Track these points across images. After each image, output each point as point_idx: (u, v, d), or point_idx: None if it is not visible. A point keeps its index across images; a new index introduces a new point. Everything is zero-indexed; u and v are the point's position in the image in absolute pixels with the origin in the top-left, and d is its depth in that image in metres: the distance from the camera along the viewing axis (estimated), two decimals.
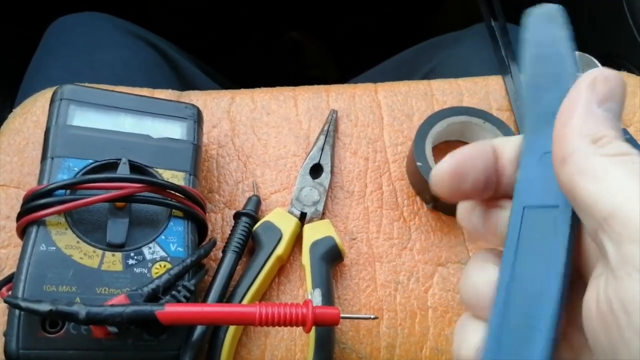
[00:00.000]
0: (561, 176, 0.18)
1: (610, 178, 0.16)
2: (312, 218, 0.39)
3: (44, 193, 0.31)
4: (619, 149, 0.17)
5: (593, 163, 0.17)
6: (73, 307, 0.27)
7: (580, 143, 0.17)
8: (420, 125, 0.40)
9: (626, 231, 0.15)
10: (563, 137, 0.18)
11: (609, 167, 0.17)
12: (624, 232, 0.15)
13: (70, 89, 0.35)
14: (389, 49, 0.66)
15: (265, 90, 0.45)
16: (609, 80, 0.18)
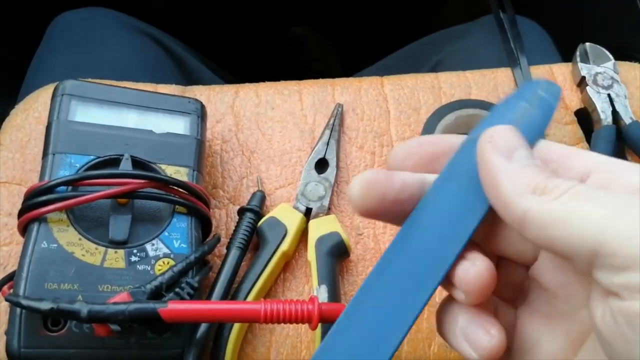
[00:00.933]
0: (528, 237, 0.17)
1: (577, 216, 0.16)
2: (318, 213, 0.38)
3: (45, 190, 0.30)
4: (563, 186, 0.17)
5: (552, 211, 0.16)
6: (75, 305, 0.26)
7: (525, 201, 0.17)
8: (427, 118, 0.40)
9: (618, 260, 0.15)
10: (505, 204, 0.18)
11: (568, 207, 0.16)
12: (616, 262, 0.15)
13: (71, 84, 0.35)
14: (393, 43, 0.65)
15: (269, 84, 0.45)
16: (502, 134, 0.19)
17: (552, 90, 0.21)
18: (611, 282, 0.15)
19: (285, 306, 0.28)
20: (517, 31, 0.48)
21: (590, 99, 0.42)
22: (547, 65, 0.46)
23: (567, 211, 0.16)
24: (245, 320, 0.28)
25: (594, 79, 0.43)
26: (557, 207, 0.16)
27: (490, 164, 0.18)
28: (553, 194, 0.17)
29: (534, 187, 0.17)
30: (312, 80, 0.45)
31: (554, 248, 0.17)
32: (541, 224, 0.16)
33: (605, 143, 0.40)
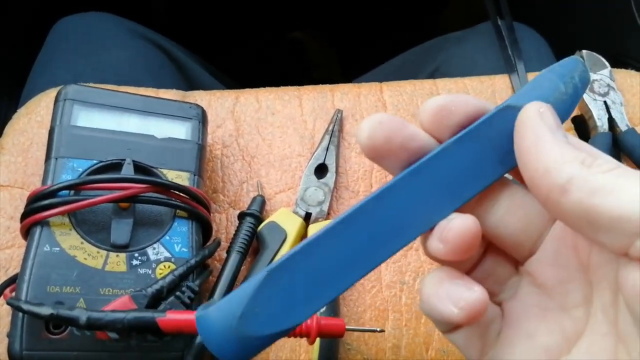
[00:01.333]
0: (566, 205, 0.17)
1: (627, 188, 0.16)
2: (317, 218, 0.38)
3: (47, 194, 0.31)
4: (611, 164, 0.17)
5: (600, 181, 0.16)
6: (74, 312, 0.27)
7: (573, 169, 0.17)
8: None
9: None
10: (547, 170, 0.18)
11: (618, 180, 0.16)
12: None
13: (74, 89, 0.35)
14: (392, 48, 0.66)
15: (269, 90, 0.45)
16: (552, 110, 0.19)
17: (584, 79, 0.21)
18: None
19: None
20: (514, 38, 0.48)
21: (586, 106, 0.43)
22: None
23: (617, 182, 0.16)
24: None
25: (590, 86, 0.43)
26: (607, 178, 0.16)
27: (538, 132, 0.18)
28: (601, 168, 0.17)
29: (582, 159, 0.17)
30: (312, 86, 0.46)
31: (597, 216, 0.16)
32: (589, 190, 0.16)
33: (601, 150, 0.41)
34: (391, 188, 0.19)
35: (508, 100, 0.20)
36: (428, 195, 0.19)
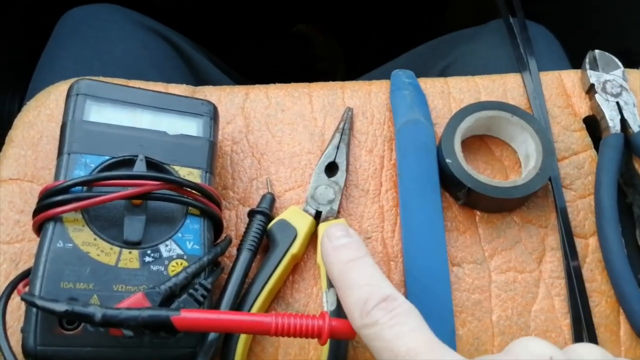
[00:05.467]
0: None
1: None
2: (328, 217, 0.38)
3: (61, 189, 0.31)
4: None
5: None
6: (89, 309, 0.27)
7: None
8: (447, 122, 0.40)
9: None
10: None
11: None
12: None
13: (86, 84, 0.35)
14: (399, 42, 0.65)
15: (279, 86, 0.45)
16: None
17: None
18: None
19: (296, 321, 0.28)
20: (527, 36, 0.48)
21: (598, 106, 0.43)
22: (556, 72, 0.46)
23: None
24: (256, 332, 0.29)
25: (602, 87, 0.43)
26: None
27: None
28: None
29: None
30: (322, 83, 0.45)
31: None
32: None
33: (613, 151, 0.41)
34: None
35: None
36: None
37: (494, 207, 0.39)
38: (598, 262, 0.38)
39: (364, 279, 0.28)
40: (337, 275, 0.29)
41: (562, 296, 0.37)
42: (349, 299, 0.27)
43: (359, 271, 0.28)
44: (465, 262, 0.38)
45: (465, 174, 0.38)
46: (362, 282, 0.28)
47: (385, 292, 0.26)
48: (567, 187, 0.41)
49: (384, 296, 0.26)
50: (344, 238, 0.30)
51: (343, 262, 0.29)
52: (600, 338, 0.36)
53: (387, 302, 0.26)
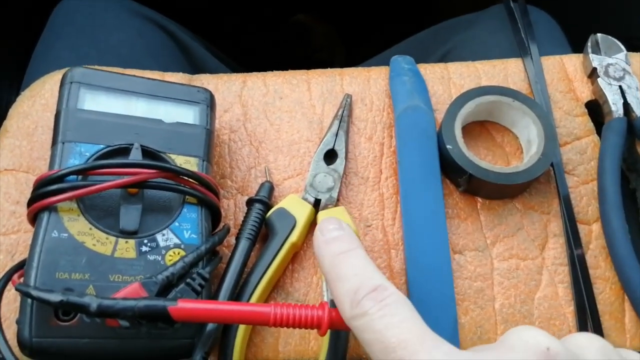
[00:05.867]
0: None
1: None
2: (327, 205, 0.38)
3: (55, 179, 0.30)
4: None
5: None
6: (84, 299, 0.26)
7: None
8: (447, 108, 0.39)
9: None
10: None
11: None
12: None
13: (80, 71, 0.34)
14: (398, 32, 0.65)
15: (277, 73, 0.44)
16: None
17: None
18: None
19: (295, 311, 0.28)
20: (528, 21, 0.47)
21: (601, 90, 0.42)
22: (557, 56, 0.45)
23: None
24: (255, 323, 0.28)
25: (605, 71, 0.43)
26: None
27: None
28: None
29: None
30: (321, 70, 0.45)
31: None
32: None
33: (615, 135, 0.40)
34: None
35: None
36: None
37: (495, 193, 0.39)
38: (602, 249, 0.38)
39: (354, 270, 0.27)
40: (328, 268, 0.28)
41: (565, 283, 0.37)
42: (339, 291, 0.27)
43: (349, 263, 0.28)
44: (467, 249, 0.38)
45: (467, 160, 0.37)
46: (352, 274, 0.27)
47: (375, 282, 0.26)
48: (569, 172, 0.40)
49: (374, 286, 0.26)
50: (336, 231, 0.30)
51: (334, 254, 0.28)
52: (604, 325, 0.36)
53: (377, 292, 0.25)
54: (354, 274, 0.27)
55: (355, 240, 0.29)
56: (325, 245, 0.29)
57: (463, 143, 0.38)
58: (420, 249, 0.36)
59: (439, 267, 0.36)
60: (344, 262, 0.28)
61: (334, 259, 0.28)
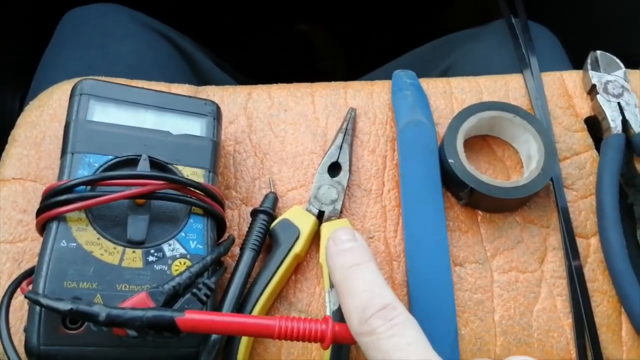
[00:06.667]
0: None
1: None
2: (330, 217, 0.38)
3: (64, 189, 0.31)
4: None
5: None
6: (94, 308, 0.27)
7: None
8: (450, 123, 0.40)
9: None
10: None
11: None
12: None
13: (90, 83, 0.35)
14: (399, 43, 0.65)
15: (282, 86, 0.45)
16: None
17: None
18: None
19: (300, 324, 0.28)
20: (529, 37, 0.48)
21: (600, 107, 0.43)
22: (557, 72, 0.46)
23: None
24: (259, 335, 0.29)
25: (604, 87, 0.43)
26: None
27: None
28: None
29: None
30: (325, 83, 0.45)
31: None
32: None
33: (614, 151, 0.41)
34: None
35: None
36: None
37: (496, 207, 0.39)
38: (600, 262, 0.39)
39: (365, 286, 0.28)
40: (339, 281, 0.29)
41: (564, 296, 0.38)
42: (349, 306, 0.27)
43: (360, 277, 0.28)
44: (467, 261, 0.38)
45: (468, 174, 0.38)
46: (362, 288, 0.27)
47: (385, 300, 0.26)
48: (568, 187, 0.41)
49: (383, 304, 0.26)
50: (349, 242, 0.30)
51: (346, 267, 0.29)
52: (601, 338, 0.36)
53: (386, 310, 0.26)
54: (364, 289, 0.27)
55: (368, 252, 0.30)
56: (338, 257, 0.30)
57: (465, 157, 0.39)
58: (421, 261, 0.37)
59: (440, 279, 0.36)
60: (354, 276, 0.28)
61: (346, 271, 0.28)
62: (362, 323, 0.26)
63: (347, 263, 0.29)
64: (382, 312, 0.26)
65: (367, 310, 0.26)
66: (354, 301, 0.27)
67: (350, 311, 0.27)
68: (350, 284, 0.28)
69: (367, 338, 0.25)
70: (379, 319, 0.25)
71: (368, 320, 0.26)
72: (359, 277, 0.28)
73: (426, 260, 0.37)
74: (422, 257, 0.37)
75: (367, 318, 0.26)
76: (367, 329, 0.25)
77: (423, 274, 0.36)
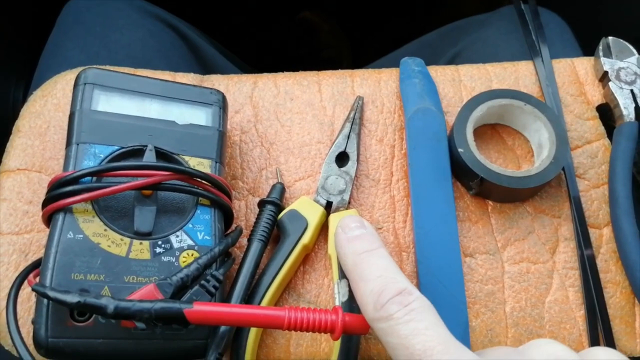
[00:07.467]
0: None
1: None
2: (338, 207, 0.38)
3: (70, 180, 0.30)
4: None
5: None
6: (102, 301, 0.26)
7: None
8: (459, 111, 0.39)
9: None
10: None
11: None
12: None
13: (94, 72, 0.35)
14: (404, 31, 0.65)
15: (288, 74, 0.44)
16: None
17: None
18: None
19: (309, 315, 0.28)
20: (539, 23, 0.47)
21: (612, 94, 0.42)
22: (568, 59, 0.45)
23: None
24: (269, 326, 0.28)
25: (616, 74, 0.43)
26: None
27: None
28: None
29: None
30: (331, 71, 0.45)
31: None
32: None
33: (627, 139, 0.40)
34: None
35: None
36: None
37: (506, 197, 0.39)
38: (612, 253, 0.38)
39: (378, 271, 0.27)
40: (351, 267, 0.28)
41: (576, 287, 0.37)
42: (363, 291, 0.27)
43: (373, 263, 0.28)
44: (477, 252, 0.38)
45: (478, 163, 0.37)
46: (376, 274, 0.27)
47: (400, 285, 0.26)
48: (580, 176, 0.41)
49: (399, 290, 0.26)
50: (358, 229, 0.30)
51: (357, 253, 0.28)
52: (615, 330, 0.36)
53: (402, 295, 0.25)
54: (377, 275, 0.27)
55: (378, 239, 0.30)
56: (348, 244, 0.29)
57: (474, 146, 0.38)
58: (431, 252, 0.36)
59: (450, 270, 0.36)
60: (367, 262, 0.28)
61: (357, 257, 0.28)
62: (378, 309, 0.25)
63: (358, 250, 0.29)
64: (398, 297, 0.25)
65: (382, 296, 0.26)
66: (368, 287, 0.27)
67: (365, 297, 0.27)
68: (363, 270, 0.28)
69: (383, 324, 0.25)
70: (396, 305, 0.25)
71: (384, 305, 0.25)
72: (372, 263, 0.28)
73: (436, 251, 0.36)
74: (432, 248, 0.36)
75: (383, 303, 0.25)
76: (384, 314, 0.25)
77: (433, 265, 0.36)
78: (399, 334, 0.24)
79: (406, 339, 0.24)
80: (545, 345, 0.24)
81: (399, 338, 0.24)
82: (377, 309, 0.26)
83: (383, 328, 0.25)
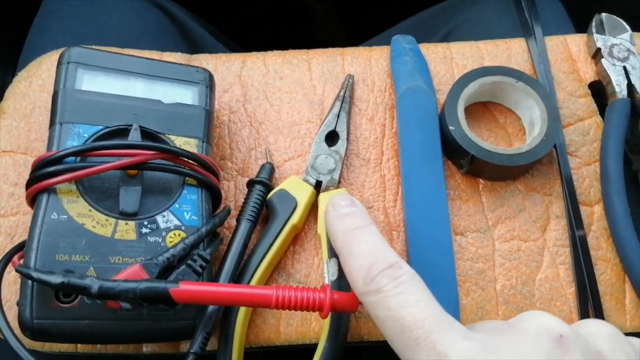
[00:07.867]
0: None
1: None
2: (328, 186, 0.38)
3: (53, 160, 0.30)
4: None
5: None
6: (86, 281, 0.26)
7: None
8: (450, 88, 0.39)
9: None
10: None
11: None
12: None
13: (77, 51, 0.34)
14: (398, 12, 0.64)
15: (277, 53, 0.44)
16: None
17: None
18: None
19: (297, 293, 0.28)
20: (532, 0, 0.47)
21: (605, 71, 0.41)
22: (561, 36, 0.45)
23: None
24: (256, 305, 0.28)
25: (609, 51, 0.42)
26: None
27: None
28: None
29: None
30: (321, 49, 0.44)
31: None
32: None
33: (619, 117, 0.40)
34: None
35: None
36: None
37: (497, 175, 0.38)
38: (603, 230, 0.38)
39: (368, 247, 0.27)
40: (341, 243, 0.28)
41: (566, 264, 0.37)
42: (353, 266, 0.27)
43: (363, 239, 0.28)
44: (468, 231, 0.38)
45: (469, 141, 0.37)
46: (366, 250, 0.27)
47: (390, 259, 0.26)
48: (572, 154, 0.40)
49: (389, 263, 0.26)
50: (348, 207, 0.30)
51: (347, 230, 0.28)
52: (605, 306, 0.36)
53: (392, 269, 0.25)
54: (368, 250, 0.27)
55: (368, 217, 0.29)
56: (338, 221, 0.29)
57: (465, 124, 0.38)
58: (421, 231, 0.36)
59: (441, 248, 0.36)
60: (357, 238, 0.28)
61: (347, 234, 0.28)
62: (368, 282, 0.25)
63: (349, 226, 0.29)
64: (388, 270, 0.25)
65: (372, 270, 0.26)
66: (357, 262, 0.27)
67: (355, 271, 0.26)
68: (353, 246, 0.27)
69: (373, 297, 0.25)
70: (386, 278, 0.25)
71: (374, 278, 0.25)
72: (362, 239, 0.28)
73: (426, 230, 0.36)
74: (422, 226, 0.36)
75: (373, 277, 0.25)
76: (374, 287, 0.25)
77: (423, 243, 0.36)
78: (389, 307, 0.24)
79: (396, 311, 0.24)
80: (536, 317, 0.24)
81: (389, 310, 0.24)
82: (367, 282, 0.25)
83: (373, 301, 0.25)
